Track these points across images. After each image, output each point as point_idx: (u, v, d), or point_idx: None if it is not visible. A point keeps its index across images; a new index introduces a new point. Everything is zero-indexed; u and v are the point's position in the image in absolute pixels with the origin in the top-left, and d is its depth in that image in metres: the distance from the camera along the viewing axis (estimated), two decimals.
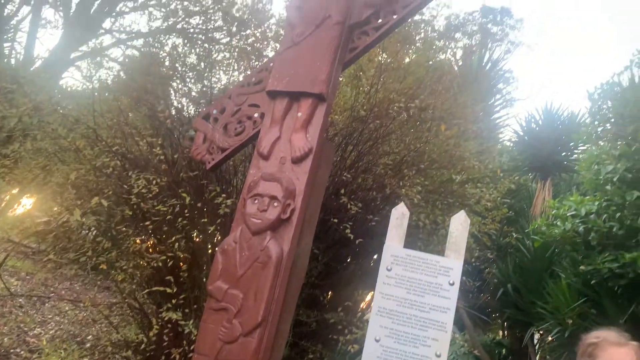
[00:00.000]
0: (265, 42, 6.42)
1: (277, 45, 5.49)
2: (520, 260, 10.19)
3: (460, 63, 18.03)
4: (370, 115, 4.75)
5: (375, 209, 5.29)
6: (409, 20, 5.56)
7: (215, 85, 6.27)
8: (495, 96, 21.41)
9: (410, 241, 4.36)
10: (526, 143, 15.77)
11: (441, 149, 5.12)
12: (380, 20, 3.17)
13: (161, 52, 7.43)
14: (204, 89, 5.99)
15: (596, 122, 9.81)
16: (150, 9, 12.04)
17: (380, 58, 5.00)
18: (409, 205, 4.14)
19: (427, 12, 8.35)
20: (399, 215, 3.47)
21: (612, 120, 9.11)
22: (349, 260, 6.05)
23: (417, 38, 6.86)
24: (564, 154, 14.96)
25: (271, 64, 3.37)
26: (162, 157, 4.84)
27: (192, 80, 6.45)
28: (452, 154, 5.21)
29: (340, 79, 4.86)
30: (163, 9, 11.09)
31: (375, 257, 6.14)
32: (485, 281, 11.17)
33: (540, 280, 9.13)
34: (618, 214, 6.94)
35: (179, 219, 4.65)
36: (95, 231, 5.04)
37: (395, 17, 3.13)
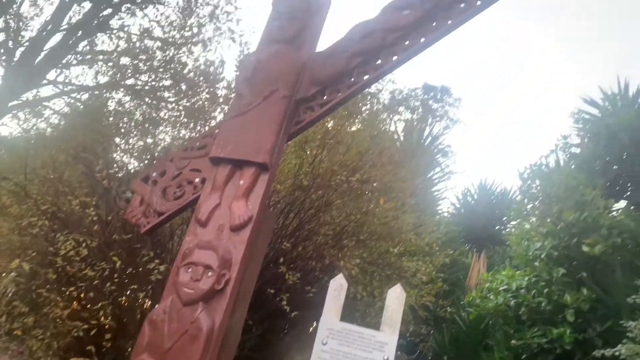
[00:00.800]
0: (215, 104, 6.49)
1: (227, 107, 5.57)
2: (456, 332, 10.30)
3: (402, 136, 18.88)
4: (313, 185, 4.83)
5: (313, 280, 5.24)
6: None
7: (160, 143, 6.20)
8: (435, 169, 22.43)
9: (348, 313, 4.32)
10: (462, 216, 16.46)
11: (380, 221, 5.24)
12: (325, 97, 3.30)
13: (106, 107, 7.32)
14: (147, 147, 5.90)
15: (526, 200, 10.44)
16: (100, 62, 11.98)
17: (325, 129, 5.17)
18: (347, 276, 4.14)
19: (373, 86, 8.80)
20: (337, 287, 3.45)
21: (540, 199, 9.73)
22: (285, 331, 5.88)
23: (363, 109, 7.17)
24: (497, 227, 15.69)
25: (216, 131, 3.39)
26: (95, 218, 4.63)
27: (136, 138, 6.36)
28: (391, 226, 5.34)
29: (285, 149, 4.95)
30: (111, 64, 11.05)
31: (312, 327, 6.02)
32: (421, 353, 11.13)
33: (475, 353, 9.22)
34: (546, 290, 7.25)
35: (108, 284, 4.39)
36: (11, 294, 4.63)
37: (339, 95, 3.27)
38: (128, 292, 4.57)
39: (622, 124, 9.83)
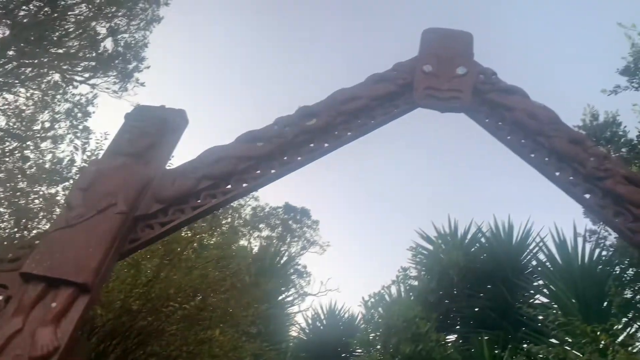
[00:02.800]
0: (52, 205, 5.91)
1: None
2: None
3: (257, 254, 18.78)
4: (143, 309, 4.40)
5: None
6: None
7: None
8: (290, 290, 22.39)
9: None
10: (311, 342, 16.29)
11: (219, 350, 4.88)
12: (167, 217, 3.16)
13: None
14: None
15: (369, 329, 10.74)
16: None
17: (168, 248, 4.90)
18: None
19: (236, 201, 8.80)
20: None
21: (382, 329, 10.09)
22: None
23: (223, 222, 7.04)
24: (344, 355, 15.73)
25: (36, 242, 3.01)
26: None
27: None
28: (230, 357, 4.99)
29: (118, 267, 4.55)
30: None
31: None
32: None
33: None
34: None
35: None
36: None
37: (183, 215, 3.16)
38: None
39: (451, 262, 10.98)
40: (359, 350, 14.15)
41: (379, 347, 9.90)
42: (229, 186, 3.29)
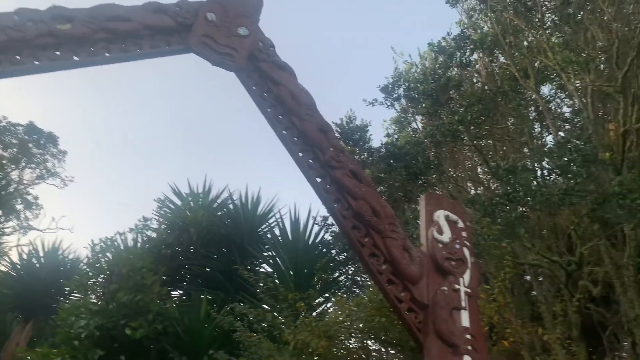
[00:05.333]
0: None
1: None
2: None
3: None
4: None
5: None
6: None
7: None
8: (10, 220, 19.58)
9: None
10: (21, 279, 14.53)
11: None
12: None
13: None
14: None
15: (90, 274, 10.04)
16: None
17: None
18: None
19: None
20: None
21: (105, 275, 9.54)
22: None
23: None
24: (56, 297, 14.42)
25: None
26: None
27: None
28: None
29: None
30: None
31: None
32: None
33: None
34: None
35: None
36: None
37: None
38: None
39: (195, 220, 11.04)
40: (76, 294, 13.17)
41: (96, 292, 9.35)
42: None
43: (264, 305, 7.22)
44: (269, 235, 11.57)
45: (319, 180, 3.51)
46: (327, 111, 3.67)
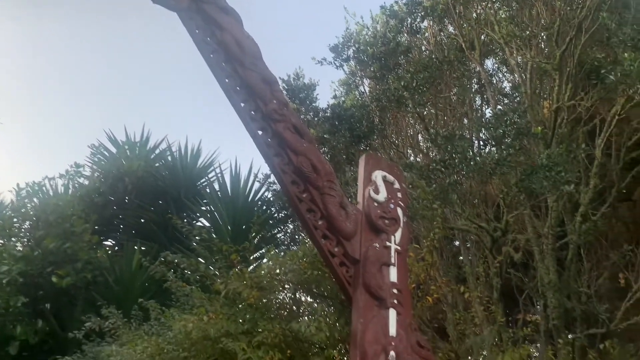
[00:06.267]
0: None
1: None
2: None
3: None
4: None
5: None
6: None
7: None
8: None
9: None
10: None
11: None
12: None
13: None
14: None
15: (15, 219, 9.55)
16: None
17: None
18: None
19: None
20: None
21: (30, 221, 9.10)
22: None
23: None
24: None
25: None
26: None
27: None
28: None
29: None
30: None
31: None
32: None
33: None
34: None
35: None
36: None
37: None
38: None
39: (131, 170, 10.68)
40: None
41: (20, 239, 8.92)
42: None
43: (199, 259, 7.17)
44: (207, 190, 11.41)
45: (260, 132, 3.45)
46: (274, 67, 3.57)
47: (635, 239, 7.11)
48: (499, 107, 8.17)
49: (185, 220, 6.14)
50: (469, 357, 4.20)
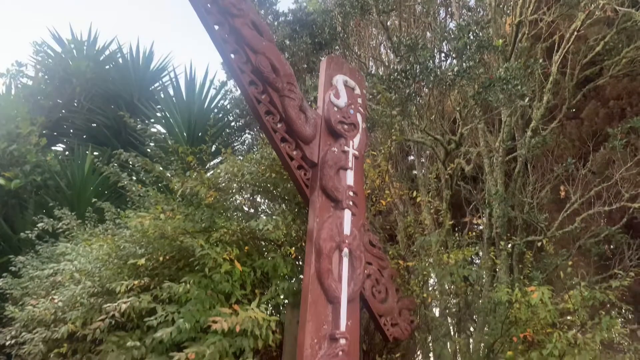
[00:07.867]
0: None
1: None
2: None
3: None
4: None
5: None
6: None
7: None
8: None
9: None
10: None
11: None
12: None
13: None
14: None
15: None
16: None
17: None
18: None
19: None
20: None
21: None
22: None
23: None
24: None
25: None
26: None
27: None
28: None
29: None
30: None
31: None
32: None
33: None
34: None
35: None
36: None
37: None
38: None
39: (79, 71, 10.07)
40: None
41: None
42: None
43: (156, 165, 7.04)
44: (162, 95, 10.99)
45: (216, 27, 3.29)
46: None
47: (580, 154, 7.49)
48: (463, 19, 8.04)
49: (139, 126, 5.92)
50: (415, 257, 4.47)
